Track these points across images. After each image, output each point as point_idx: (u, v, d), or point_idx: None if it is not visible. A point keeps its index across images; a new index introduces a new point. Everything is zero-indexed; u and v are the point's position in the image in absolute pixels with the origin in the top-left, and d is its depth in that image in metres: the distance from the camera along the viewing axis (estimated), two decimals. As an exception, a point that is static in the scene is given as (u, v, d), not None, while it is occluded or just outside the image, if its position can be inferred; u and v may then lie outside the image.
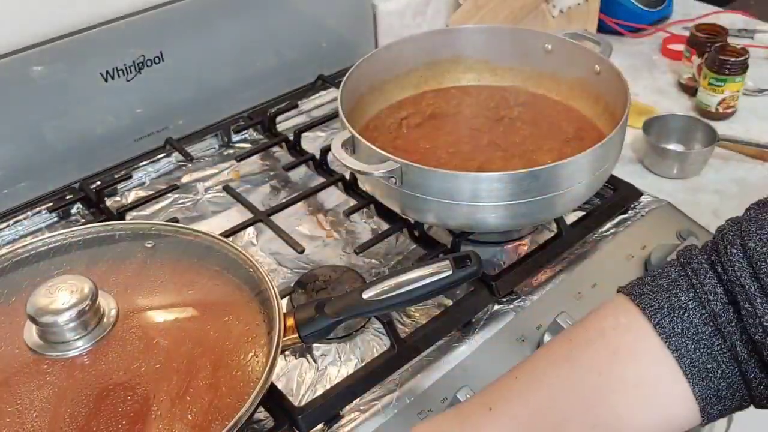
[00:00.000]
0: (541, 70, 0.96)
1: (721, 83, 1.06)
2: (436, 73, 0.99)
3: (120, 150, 1.00)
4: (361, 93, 0.92)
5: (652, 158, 0.99)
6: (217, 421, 0.55)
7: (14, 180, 0.92)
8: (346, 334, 0.75)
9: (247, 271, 0.66)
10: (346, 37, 1.19)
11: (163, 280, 0.67)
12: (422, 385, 0.70)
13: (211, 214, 0.95)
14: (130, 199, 0.97)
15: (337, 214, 0.93)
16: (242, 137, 1.08)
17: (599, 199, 0.90)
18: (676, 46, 1.26)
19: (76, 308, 0.57)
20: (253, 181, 1.00)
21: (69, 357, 0.58)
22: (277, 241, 0.86)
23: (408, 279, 0.63)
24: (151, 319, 0.64)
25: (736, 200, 0.95)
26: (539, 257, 0.81)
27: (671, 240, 0.86)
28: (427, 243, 0.84)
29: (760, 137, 1.04)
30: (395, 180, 0.73)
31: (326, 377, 0.72)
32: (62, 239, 0.70)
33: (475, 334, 0.75)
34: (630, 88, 0.81)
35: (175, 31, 0.99)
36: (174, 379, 0.58)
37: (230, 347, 0.61)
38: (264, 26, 1.08)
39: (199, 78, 1.04)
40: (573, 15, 1.23)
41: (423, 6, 1.24)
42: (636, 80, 1.21)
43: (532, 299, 0.78)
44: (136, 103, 0.99)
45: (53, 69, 0.89)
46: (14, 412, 0.55)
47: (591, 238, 0.86)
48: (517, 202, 0.73)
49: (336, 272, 0.81)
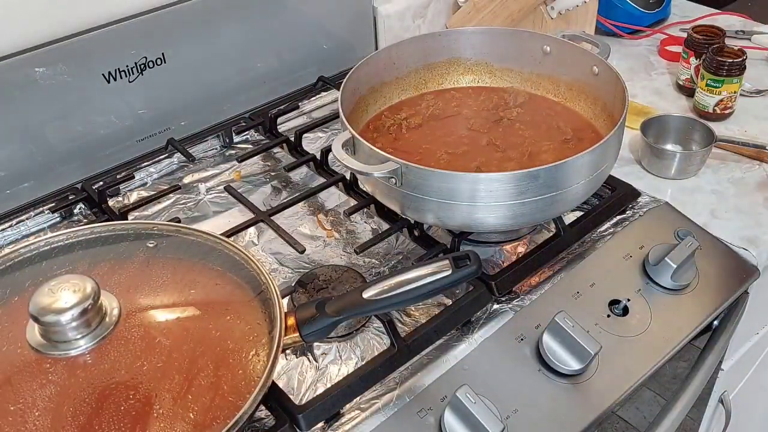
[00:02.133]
0: (539, 71, 0.97)
1: (718, 84, 1.06)
2: (436, 74, 1.00)
3: (122, 150, 1.00)
4: (362, 94, 0.92)
5: (650, 159, 0.99)
6: (218, 420, 0.56)
7: (17, 180, 0.93)
8: (347, 333, 0.76)
9: (249, 270, 0.67)
10: (347, 39, 1.19)
11: (164, 279, 0.67)
12: (422, 384, 0.70)
13: (212, 214, 0.95)
14: (132, 199, 0.97)
15: (338, 214, 0.93)
16: (243, 138, 1.09)
17: (597, 199, 0.91)
18: (674, 48, 1.27)
19: (79, 308, 0.57)
20: (254, 181, 1.01)
21: (71, 356, 0.58)
22: (278, 241, 0.86)
23: (408, 278, 0.63)
24: (153, 318, 0.64)
25: (734, 201, 0.95)
26: (538, 257, 0.82)
27: (669, 240, 0.86)
28: (427, 243, 0.85)
29: (758, 138, 1.05)
30: (395, 180, 0.74)
31: (327, 376, 0.72)
32: (65, 239, 0.70)
33: (474, 333, 0.75)
34: (628, 90, 0.82)
35: (177, 33, 0.99)
36: (176, 378, 0.58)
37: (231, 346, 0.61)
38: (265, 28, 1.08)
39: (201, 79, 1.05)
40: (571, 17, 1.23)
41: (423, 8, 1.24)
42: (634, 81, 1.21)
43: (530, 299, 0.79)
44: (139, 104, 1.00)
45: (56, 70, 0.90)
46: (17, 410, 0.56)
47: (589, 238, 0.87)
48: (516, 202, 0.73)
49: (336, 272, 0.81)
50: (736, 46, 1.08)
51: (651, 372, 0.76)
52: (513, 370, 0.73)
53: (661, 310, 0.81)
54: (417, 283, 0.63)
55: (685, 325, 0.81)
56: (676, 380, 0.87)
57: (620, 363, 0.76)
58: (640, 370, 0.76)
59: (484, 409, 0.65)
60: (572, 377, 0.73)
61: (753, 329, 1.06)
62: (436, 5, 1.26)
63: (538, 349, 0.74)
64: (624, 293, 0.81)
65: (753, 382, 1.17)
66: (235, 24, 1.05)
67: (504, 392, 0.71)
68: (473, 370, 0.72)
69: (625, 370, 0.75)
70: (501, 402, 0.69)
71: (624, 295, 0.81)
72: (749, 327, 1.02)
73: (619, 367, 0.75)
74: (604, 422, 0.73)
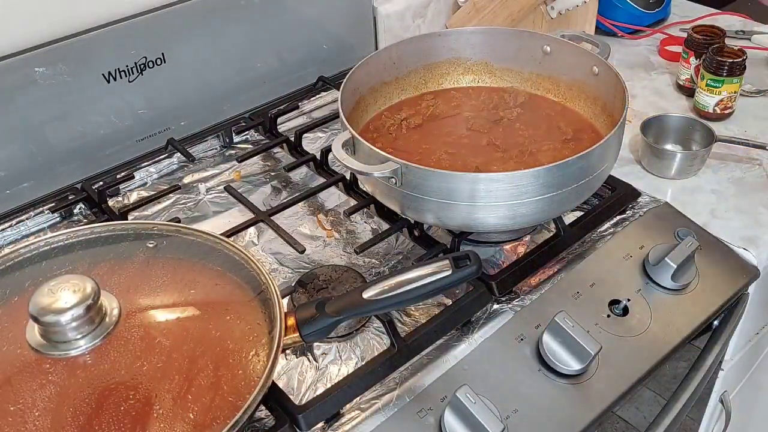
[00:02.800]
0: (539, 71, 0.97)
1: (718, 84, 1.06)
2: (436, 74, 1.00)
3: (122, 150, 1.00)
4: (362, 94, 0.92)
5: (650, 159, 0.99)
6: (218, 420, 0.56)
7: (17, 180, 0.93)
8: (347, 333, 0.76)
9: (249, 270, 0.67)
10: (347, 38, 1.19)
11: (164, 279, 0.67)
12: (422, 384, 0.70)
13: (212, 214, 0.95)
14: (132, 199, 0.97)
15: (338, 214, 0.93)
16: (243, 138, 1.09)
17: (597, 199, 0.91)
18: (674, 48, 1.27)
19: (79, 308, 0.57)
20: (254, 181, 1.01)
21: (71, 356, 0.58)
22: (278, 241, 0.86)
23: (408, 279, 0.63)
24: (153, 318, 0.64)
25: (734, 201, 0.95)
26: (538, 257, 0.82)
27: (669, 240, 0.86)
28: (427, 243, 0.85)
29: (758, 138, 1.05)
30: (395, 180, 0.74)
31: (327, 376, 0.72)
32: (65, 239, 0.70)
33: (474, 333, 0.75)
34: (628, 90, 0.82)
35: (176, 33, 0.99)
36: (175, 378, 0.58)
37: (231, 346, 0.61)
38: (265, 28, 1.08)
39: (201, 79, 1.05)
40: (571, 17, 1.23)
41: (423, 8, 1.24)
42: (634, 81, 1.21)
43: (530, 299, 0.79)
44: (139, 104, 1.00)
45: (56, 70, 0.90)
46: (17, 411, 0.56)
47: (589, 238, 0.87)
48: (516, 202, 0.73)
49: (336, 272, 0.81)
50: (736, 46, 1.08)
51: (651, 372, 0.76)
52: (513, 370, 0.73)
53: (661, 311, 0.81)
54: (417, 283, 0.63)
55: (685, 325, 0.81)
56: (676, 380, 0.87)
57: (620, 363, 0.76)
58: (640, 370, 0.76)
59: (484, 409, 0.65)
60: (572, 377, 0.73)
61: (753, 329, 1.06)
62: (436, 5, 1.26)
63: (538, 349, 0.74)
64: (624, 293, 0.82)
65: (753, 382, 1.17)
66: (235, 24, 1.05)
67: (504, 392, 0.71)
68: (473, 370, 0.72)
69: (625, 370, 0.75)
70: (501, 402, 0.69)
71: (624, 295, 0.81)
72: (749, 327, 1.02)
73: (619, 367, 0.75)
74: (604, 422, 0.73)
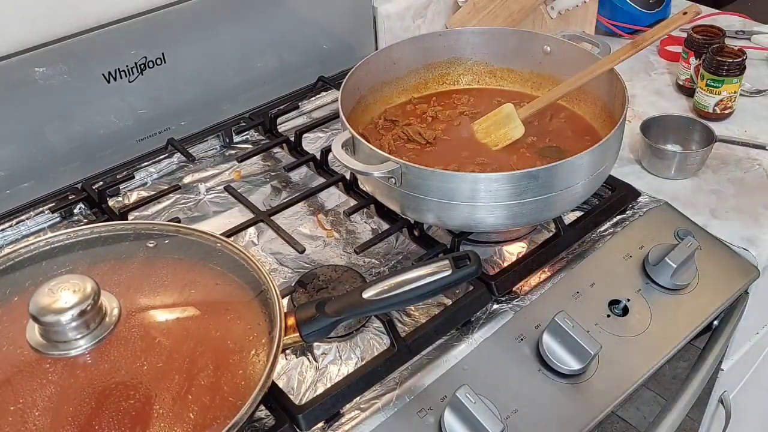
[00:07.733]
0: (539, 71, 0.97)
1: (718, 84, 1.06)
2: (436, 74, 1.00)
3: (122, 150, 1.00)
4: (362, 94, 0.92)
5: (650, 159, 0.99)
6: (218, 420, 0.56)
7: (17, 180, 0.93)
8: (347, 333, 0.76)
9: (249, 270, 0.67)
10: (347, 39, 1.19)
11: (164, 279, 0.67)
12: (422, 384, 0.70)
13: (212, 214, 0.95)
14: (132, 199, 0.97)
15: (338, 214, 0.93)
16: (243, 138, 1.09)
17: (597, 199, 0.91)
18: (674, 48, 1.27)
19: (79, 308, 0.57)
20: (254, 181, 1.01)
21: (71, 356, 0.58)
22: (278, 241, 0.86)
23: (408, 279, 0.63)
24: (153, 318, 0.64)
25: (734, 201, 0.95)
26: (538, 257, 0.82)
27: (669, 240, 0.86)
28: (427, 243, 0.85)
29: (758, 138, 1.05)
30: (395, 180, 0.74)
31: (327, 376, 0.72)
32: (65, 239, 0.70)
33: (474, 333, 0.75)
34: (628, 90, 0.82)
35: (176, 33, 0.99)
36: (176, 378, 0.58)
37: (231, 346, 0.61)
38: (265, 28, 1.08)
39: (201, 79, 1.05)
40: (571, 17, 1.23)
41: (423, 8, 1.24)
42: (634, 81, 1.21)
43: (530, 298, 0.79)
44: (139, 104, 1.00)
45: (56, 70, 0.90)
46: (17, 410, 0.56)
47: (589, 237, 0.87)
48: (515, 202, 0.73)
49: (336, 272, 0.81)
50: (736, 46, 1.08)
51: (651, 372, 0.76)
52: (513, 370, 0.73)
53: (661, 310, 0.81)
54: (417, 283, 0.63)
55: (685, 325, 0.81)
56: (676, 380, 0.87)
57: (620, 363, 0.76)
58: (640, 370, 0.76)
59: (484, 409, 0.65)
60: (572, 377, 0.73)
61: (753, 329, 1.06)
62: (436, 5, 1.26)
63: (538, 349, 0.74)
64: (624, 293, 0.82)
65: (753, 382, 1.17)
66: (235, 24, 1.05)
67: (504, 392, 0.71)
68: (473, 370, 0.72)
69: (625, 370, 0.75)
70: (501, 402, 0.69)
71: (624, 295, 0.81)
72: (749, 327, 1.02)
73: (619, 367, 0.75)
74: (604, 422, 0.73)
